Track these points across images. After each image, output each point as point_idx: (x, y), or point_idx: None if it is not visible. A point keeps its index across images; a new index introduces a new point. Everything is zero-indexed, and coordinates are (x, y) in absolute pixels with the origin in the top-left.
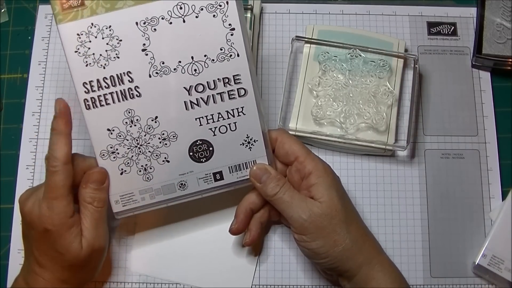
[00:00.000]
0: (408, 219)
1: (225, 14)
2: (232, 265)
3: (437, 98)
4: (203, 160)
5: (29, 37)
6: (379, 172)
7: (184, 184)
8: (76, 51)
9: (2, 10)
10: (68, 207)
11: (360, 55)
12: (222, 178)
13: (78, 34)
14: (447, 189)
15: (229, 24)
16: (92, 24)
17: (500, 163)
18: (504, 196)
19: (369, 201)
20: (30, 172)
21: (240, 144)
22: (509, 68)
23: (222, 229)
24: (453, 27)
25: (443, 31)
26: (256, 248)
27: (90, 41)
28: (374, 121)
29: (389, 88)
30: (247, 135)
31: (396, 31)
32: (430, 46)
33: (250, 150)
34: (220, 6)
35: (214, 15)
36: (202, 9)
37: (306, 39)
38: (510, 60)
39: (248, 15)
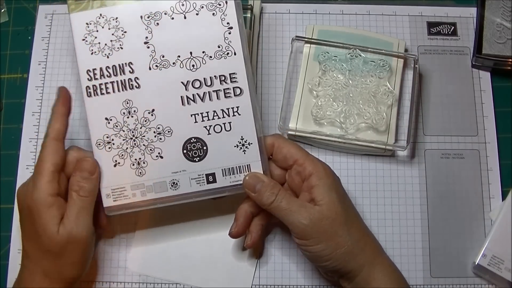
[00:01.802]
0: (408, 219)
1: (224, 13)
2: (232, 265)
3: (437, 98)
4: (197, 160)
5: (29, 37)
6: (379, 172)
7: (176, 184)
8: (83, 39)
9: (2, 10)
10: (50, 184)
11: (360, 55)
12: (215, 181)
13: (87, 23)
14: (447, 189)
15: (227, 23)
16: (100, 14)
17: (500, 163)
18: (504, 196)
19: (369, 201)
20: (30, 172)
21: (235, 146)
22: (509, 68)
23: (222, 230)
24: (453, 27)
25: (443, 31)
26: (256, 249)
27: (97, 31)
28: (374, 121)
29: (389, 88)
30: (242, 136)
31: (396, 31)
32: (430, 46)
33: (244, 153)
34: (220, 5)
35: (213, 13)
36: (202, 7)
37: (306, 39)
38: (510, 60)
39: (248, 15)
